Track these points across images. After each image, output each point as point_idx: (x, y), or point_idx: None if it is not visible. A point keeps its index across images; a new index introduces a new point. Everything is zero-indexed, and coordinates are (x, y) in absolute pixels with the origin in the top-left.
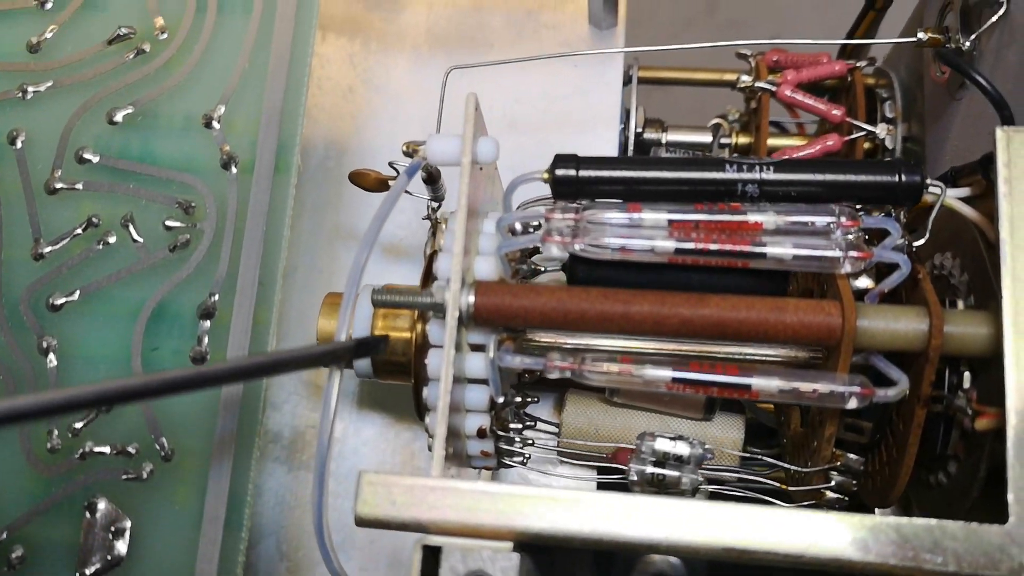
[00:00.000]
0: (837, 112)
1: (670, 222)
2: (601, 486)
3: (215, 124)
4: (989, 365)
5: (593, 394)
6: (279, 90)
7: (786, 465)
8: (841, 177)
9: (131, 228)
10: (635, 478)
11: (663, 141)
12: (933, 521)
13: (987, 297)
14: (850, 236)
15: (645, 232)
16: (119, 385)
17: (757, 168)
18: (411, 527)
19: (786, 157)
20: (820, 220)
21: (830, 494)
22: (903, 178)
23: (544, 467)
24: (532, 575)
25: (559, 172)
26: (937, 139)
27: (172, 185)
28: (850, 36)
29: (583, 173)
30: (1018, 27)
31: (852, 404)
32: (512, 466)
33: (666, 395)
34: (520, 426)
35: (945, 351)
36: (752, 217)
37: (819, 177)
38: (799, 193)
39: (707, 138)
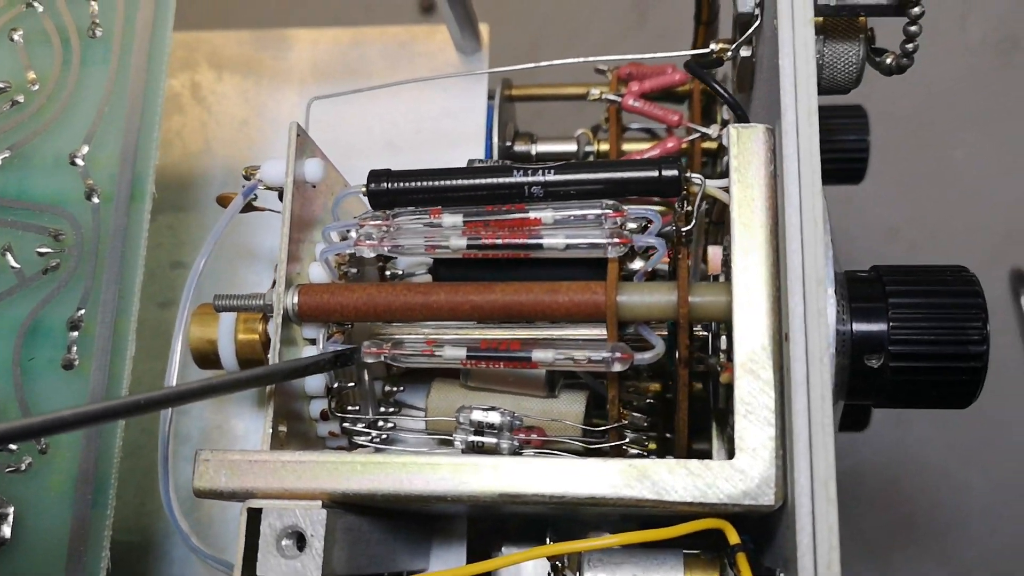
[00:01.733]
0: (674, 117)
1: (464, 222)
2: None
3: (80, 161)
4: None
5: (455, 381)
6: (134, 129)
7: (585, 427)
8: (610, 175)
9: (9, 256)
10: (461, 447)
11: (533, 153)
12: (673, 460)
13: None
14: (630, 226)
15: (445, 232)
16: (127, 400)
17: (540, 172)
18: (240, 495)
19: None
20: (589, 213)
21: (631, 451)
22: (663, 173)
23: (419, 447)
24: (357, 531)
25: (372, 186)
26: None
27: (44, 216)
28: (692, 48)
29: (393, 185)
30: (766, 36)
31: (617, 367)
32: (366, 446)
33: (509, 376)
34: (356, 409)
35: (695, 318)
36: (533, 214)
37: (591, 176)
38: (578, 191)
39: (574, 147)
